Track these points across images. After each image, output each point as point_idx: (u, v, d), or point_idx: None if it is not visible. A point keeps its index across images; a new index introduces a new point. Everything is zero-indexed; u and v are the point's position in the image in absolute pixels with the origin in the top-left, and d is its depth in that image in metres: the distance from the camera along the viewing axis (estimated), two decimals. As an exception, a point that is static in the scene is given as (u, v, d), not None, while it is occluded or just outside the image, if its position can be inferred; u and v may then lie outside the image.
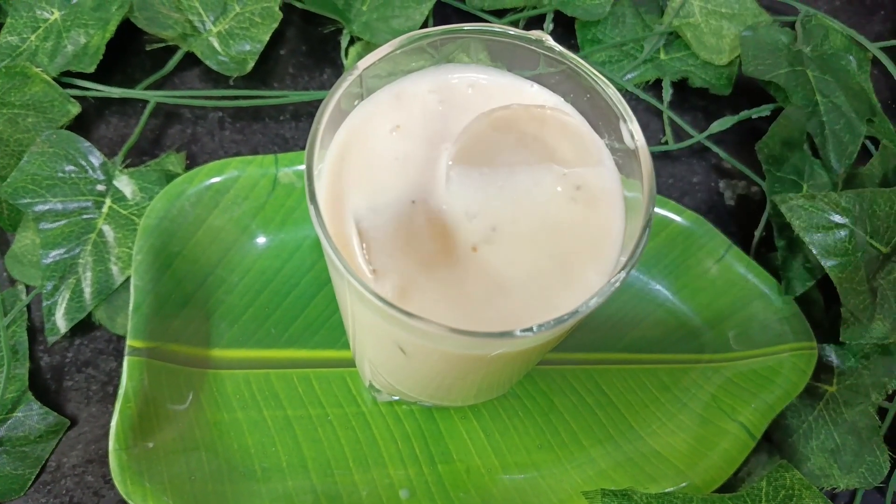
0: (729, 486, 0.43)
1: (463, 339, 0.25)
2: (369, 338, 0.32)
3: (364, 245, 0.26)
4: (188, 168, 0.52)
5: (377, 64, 0.29)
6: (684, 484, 0.42)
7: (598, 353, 0.48)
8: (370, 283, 0.26)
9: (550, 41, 0.29)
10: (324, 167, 0.29)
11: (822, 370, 0.48)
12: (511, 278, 0.27)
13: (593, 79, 0.29)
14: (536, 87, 0.31)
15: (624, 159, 0.29)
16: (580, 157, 0.29)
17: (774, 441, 0.47)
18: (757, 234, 0.52)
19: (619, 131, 0.28)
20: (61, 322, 0.47)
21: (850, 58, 0.58)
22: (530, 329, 0.25)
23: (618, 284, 0.26)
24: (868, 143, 0.57)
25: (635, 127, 0.27)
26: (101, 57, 0.52)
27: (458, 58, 0.32)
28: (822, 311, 0.50)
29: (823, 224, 0.46)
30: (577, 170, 0.28)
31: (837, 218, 0.46)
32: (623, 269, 0.26)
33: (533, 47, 0.29)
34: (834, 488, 0.46)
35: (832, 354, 0.48)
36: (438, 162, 0.29)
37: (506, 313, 0.27)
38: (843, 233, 0.45)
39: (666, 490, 0.42)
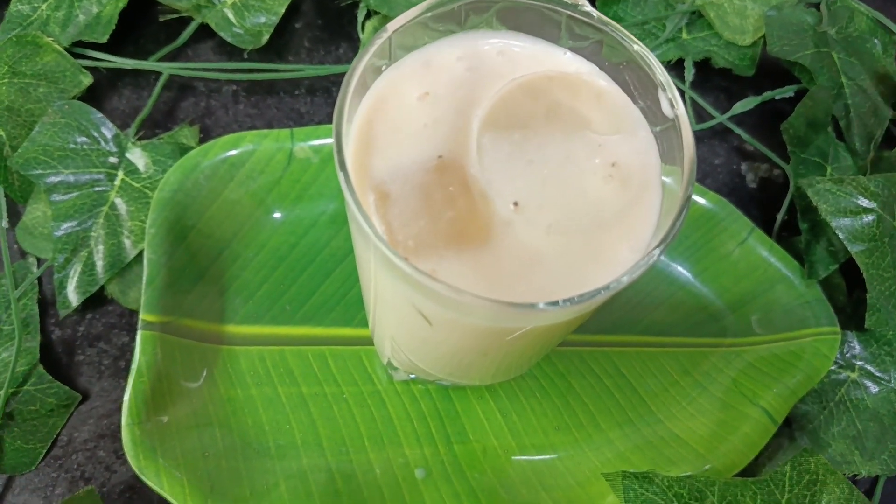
0: (749, 471, 0.43)
1: (494, 310, 0.24)
2: (393, 311, 0.31)
3: (384, 210, 0.26)
4: (202, 142, 0.51)
5: (405, 27, 0.28)
6: (707, 467, 0.41)
7: (617, 335, 0.47)
8: (395, 249, 0.25)
9: (587, 6, 0.28)
10: (351, 133, 0.28)
11: (844, 355, 0.48)
12: (541, 251, 0.26)
13: (631, 45, 0.28)
14: (570, 54, 0.30)
15: (661, 131, 0.28)
16: (615, 126, 0.28)
17: (795, 426, 0.46)
18: (779, 217, 0.51)
19: (657, 101, 0.27)
20: (73, 295, 0.46)
21: (876, 41, 0.57)
22: (556, 303, 0.24)
23: (652, 261, 0.25)
24: (893, 127, 0.56)
25: (675, 95, 0.26)
26: (113, 27, 0.51)
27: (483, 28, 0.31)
28: (845, 295, 0.49)
29: (851, 208, 0.45)
30: (612, 139, 0.27)
31: (865, 202, 0.45)
32: (658, 245, 0.25)
33: (568, 12, 0.28)
34: (855, 475, 0.45)
35: (854, 340, 0.48)
36: (468, 129, 0.28)
37: (535, 287, 0.26)
38: (870, 217, 0.45)
39: (687, 473, 0.42)
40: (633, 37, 0.28)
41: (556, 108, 0.28)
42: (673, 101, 0.26)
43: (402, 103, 0.29)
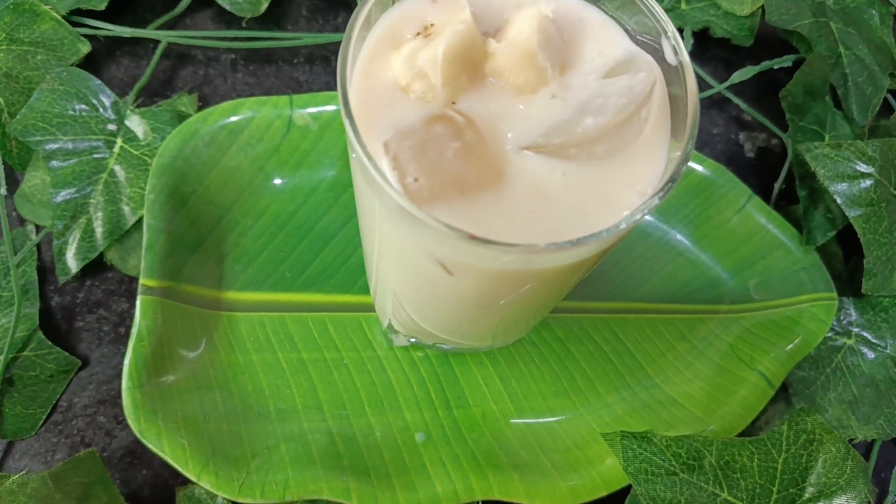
0: (746, 435, 0.43)
1: (505, 253, 0.24)
2: (402, 267, 0.31)
3: (395, 158, 0.26)
4: (200, 110, 0.51)
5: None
6: (710, 428, 0.42)
7: (615, 301, 0.48)
8: (408, 197, 0.25)
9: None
10: (355, 81, 0.28)
11: (841, 322, 0.48)
12: (552, 190, 0.26)
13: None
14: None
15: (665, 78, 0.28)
16: (626, 66, 0.28)
17: (792, 392, 0.46)
18: (777, 185, 0.51)
19: (660, 49, 0.27)
20: (72, 262, 0.46)
21: (873, 12, 0.58)
22: (585, 238, 0.24)
23: (657, 202, 0.25)
24: (889, 96, 0.56)
25: (678, 41, 0.26)
26: (111, -6, 0.50)
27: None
28: (842, 264, 0.50)
29: (849, 173, 0.45)
30: (623, 78, 0.27)
31: (863, 167, 0.45)
32: (663, 187, 0.25)
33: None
34: (852, 439, 0.45)
35: (850, 306, 0.48)
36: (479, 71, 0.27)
37: (544, 227, 0.26)
38: (868, 182, 0.45)
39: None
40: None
41: (565, 46, 0.28)
42: (676, 47, 0.26)
43: (403, 43, 0.28)
